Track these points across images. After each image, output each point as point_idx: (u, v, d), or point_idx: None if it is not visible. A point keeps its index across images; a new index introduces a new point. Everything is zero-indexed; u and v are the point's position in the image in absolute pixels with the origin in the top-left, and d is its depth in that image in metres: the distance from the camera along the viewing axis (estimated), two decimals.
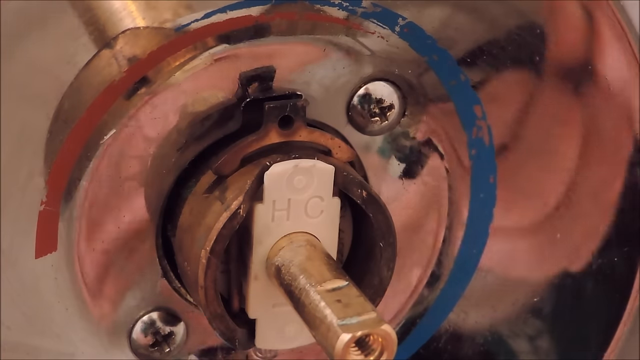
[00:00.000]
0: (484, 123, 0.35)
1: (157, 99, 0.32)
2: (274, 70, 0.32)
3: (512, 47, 0.34)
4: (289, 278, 0.31)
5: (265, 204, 0.31)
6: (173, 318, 0.35)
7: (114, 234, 0.33)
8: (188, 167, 0.33)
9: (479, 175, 0.36)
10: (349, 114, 0.34)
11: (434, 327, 0.37)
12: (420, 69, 0.34)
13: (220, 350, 0.35)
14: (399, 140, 0.35)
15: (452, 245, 0.37)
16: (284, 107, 0.32)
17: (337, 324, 0.28)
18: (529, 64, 0.35)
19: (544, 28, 0.34)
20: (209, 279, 0.31)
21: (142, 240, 0.33)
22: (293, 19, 0.32)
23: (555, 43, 0.35)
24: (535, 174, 0.36)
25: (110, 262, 0.33)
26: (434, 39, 0.33)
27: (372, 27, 0.33)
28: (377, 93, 0.34)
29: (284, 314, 0.32)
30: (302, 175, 0.31)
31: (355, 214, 0.34)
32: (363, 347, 0.29)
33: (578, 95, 0.36)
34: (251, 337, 0.33)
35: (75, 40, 0.31)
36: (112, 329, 0.34)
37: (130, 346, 0.34)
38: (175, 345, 0.35)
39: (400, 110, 0.35)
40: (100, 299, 0.34)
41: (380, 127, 0.35)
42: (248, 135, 0.32)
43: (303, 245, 0.31)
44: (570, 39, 0.35)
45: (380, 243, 0.33)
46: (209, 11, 0.31)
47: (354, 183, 0.32)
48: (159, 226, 0.34)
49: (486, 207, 0.36)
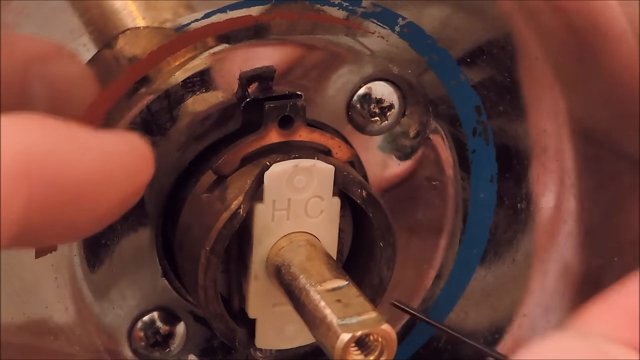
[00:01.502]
0: (484, 123, 0.35)
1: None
2: (274, 70, 0.32)
3: (512, 47, 0.34)
4: (289, 278, 0.31)
5: (265, 204, 0.31)
6: (173, 318, 0.35)
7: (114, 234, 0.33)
8: (188, 167, 0.33)
9: (479, 175, 0.36)
10: (349, 114, 0.34)
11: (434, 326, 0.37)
12: (420, 69, 0.34)
13: (220, 350, 0.35)
14: (399, 140, 0.35)
15: (452, 245, 0.37)
16: (284, 107, 0.32)
17: (337, 324, 0.28)
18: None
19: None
20: (209, 278, 0.31)
21: (142, 240, 0.33)
22: (293, 19, 0.32)
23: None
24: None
25: (110, 262, 0.33)
26: (434, 39, 0.33)
27: (372, 27, 0.33)
28: (377, 93, 0.34)
29: (284, 313, 0.32)
30: (302, 175, 0.31)
31: (355, 214, 0.34)
32: (363, 347, 0.29)
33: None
34: (251, 337, 0.33)
35: (75, 40, 0.31)
36: (112, 328, 0.34)
37: (130, 346, 0.34)
38: (175, 345, 0.35)
39: (400, 110, 0.35)
40: (100, 299, 0.34)
41: (380, 127, 0.35)
42: (248, 135, 0.32)
43: (303, 245, 0.32)
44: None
45: (380, 243, 0.33)
46: (209, 11, 0.31)
47: (354, 183, 0.32)
48: (159, 226, 0.34)
49: (486, 207, 0.36)
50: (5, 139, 0.25)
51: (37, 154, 0.25)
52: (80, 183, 0.26)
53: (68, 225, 0.26)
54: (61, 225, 0.26)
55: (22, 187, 0.25)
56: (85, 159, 0.26)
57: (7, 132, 0.25)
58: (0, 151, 0.24)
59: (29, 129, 0.25)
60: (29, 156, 0.25)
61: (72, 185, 0.26)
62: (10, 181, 0.24)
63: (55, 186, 0.25)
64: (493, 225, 0.37)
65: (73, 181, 0.26)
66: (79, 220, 0.26)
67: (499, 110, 0.35)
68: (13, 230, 0.25)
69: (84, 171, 0.26)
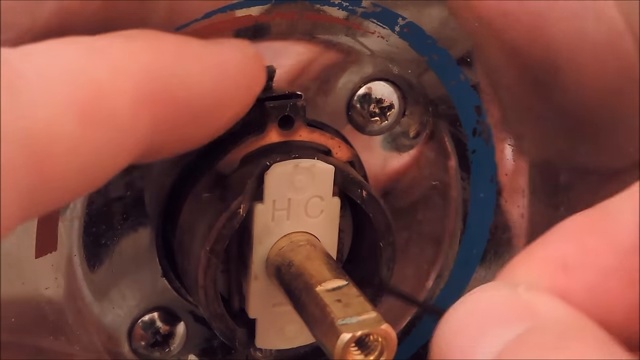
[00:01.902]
0: (484, 123, 0.35)
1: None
2: (273, 70, 0.32)
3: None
4: (289, 278, 0.31)
5: (265, 204, 0.31)
6: (173, 318, 0.35)
7: (114, 234, 0.33)
8: (188, 167, 0.33)
9: (479, 175, 0.36)
10: (349, 114, 0.34)
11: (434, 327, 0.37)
12: (420, 69, 0.34)
13: (220, 350, 0.35)
14: (399, 140, 0.35)
15: (452, 245, 0.37)
16: (284, 107, 0.32)
17: (337, 324, 0.28)
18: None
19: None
20: (209, 278, 0.31)
21: (142, 240, 0.33)
22: (293, 19, 0.32)
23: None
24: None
25: (110, 262, 0.33)
26: (434, 38, 0.33)
27: (372, 27, 0.33)
28: (377, 93, 0.34)
29: (284, 313, 0.32)
30: (302, 175, 0.31)
31: (355, 214, 0.34)
32: (363, 347, 0.29)
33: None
34: (251, 337, 0.33)
35: None
36: (112, 328, 0.34)
37: (130, 346, 0.34)
38: (175, 345, 0.35)
39: (400, 110, 0.35)
40: (100, 299, 0.34)
41: (380, 127, 0.35)
42: (248, 135, 0.32)
43: (303, 245, 0.32)
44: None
45: (380, 243, 0.33)
46: (209, 11, 0.31)
47: (354, 183, 0.32)
48: (159, 226, 0.34)
49: (486, 207, 0.36)
50: (130, 61, 0.24)
51: (160, 77, 0.25)
52: (202, 103, 0.26)
53: (185, 140, 0.27)
54: (179, 141, 0.27)
55: (147, 112, 0.25)
56: (206, 78, 0.26)
57: (131, 53, 0.25)
58: (125, 76, 0.24)
59: (152, 49, 0.25)
60: (153, 81, 0.25)
61: (194, 106, 0.26)
62: (136, 107, 0.24)
63: (178, 108, 0.25)
64: (493, 225, 0.37)
65: (195, 102, 0.26)
66: (196, 135, 0.27)
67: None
68: (137, 152, 0.25)
69: (205, 91, 0.26)
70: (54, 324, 0.33)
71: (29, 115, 0.23)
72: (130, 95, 0.24)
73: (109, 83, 0.24)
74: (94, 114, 0.24)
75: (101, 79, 0.24)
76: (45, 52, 0.24)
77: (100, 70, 0.24)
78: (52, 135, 0.23)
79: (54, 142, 0.23)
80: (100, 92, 0.24)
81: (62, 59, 0.24)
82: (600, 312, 0.24)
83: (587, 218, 0.24)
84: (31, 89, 0.23)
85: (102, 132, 0.24)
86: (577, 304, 0.23)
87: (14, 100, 0.23)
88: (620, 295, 0.24)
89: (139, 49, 0.25)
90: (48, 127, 0.23)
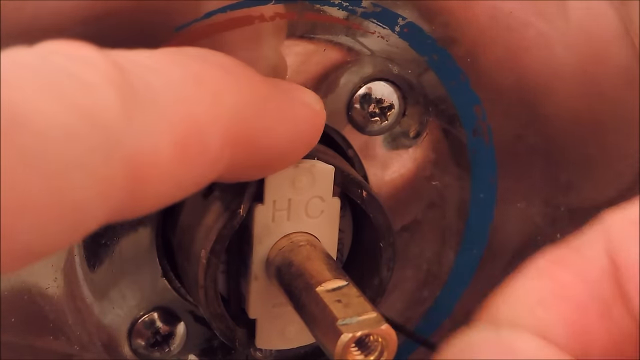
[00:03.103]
0: (484, 123, 0.35)
1: None
2: None
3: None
4: (289, 278, 0.31)
5: (265, 204, 0.31)
6: (173, 318, 0.35)
7: (114, 234, 0.33)
8: None
9: (479, 175, 0.36)
10: (349, 114, 0.34)
11: (434, 327, 0.37)
12: (420, 69, 0.34)
13: (220, 350, 0.35)
14: (399, 140, 0.35)
15: (452, 245, 0.37)
16: None
17: (337, 324, 0.28)
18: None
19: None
20: (209, 278, 0.31)
21: (142, 240, 0.33)
22: (293, 19, 0.32)
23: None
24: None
25: (110, 262, 0.33)
26: (434, 38, 0.33)
27: (372, 27, 0.33)
28: (377, 93, 0.34)
29: (284, 314, 0.32)
30: (302, 175, 0.31)
31: (355, 214, 0.34)
32: (363, 347, 0.29)
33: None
34: (251, 337, 0.33)
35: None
36: (112, 328, 0.34)
37: (130, 346, 0.34)
38: (175, 345, 0.35)
39: (400, 110, 0.35)
40: (100, 299, 0.34)
41: (380, 127, 0.35)
42: None
43: (303, 246, 0.32)
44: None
45: (380, 243, 0.33)
46: (209, 11, 0.31)
47: (354, 183, 0.32)
48: (159, 226, 0.34)
49: (486, 207, 0.36)
50: (227, 96, 0.25)
51: (248, 119, 0.25)
52: (273, 152, 0.27)
53: (243, 178, 0.28)
54: (238, 178, 0.28)
55: (229, 151, 0.25)
56: (283, 129, 0.27)
57: (228, 89, 0.25)
58: (222, 111, 0.24)
59: (246, 87, 0.25)
60: (242, 122, 0.25)
61: (266, 154, 0.27)
62: (223, 145, 0.25)
63: (254, 153, 0.26)
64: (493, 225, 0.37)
65: (268, 151, 0.27)
66: (254, 176, 0.28)
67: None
68: (203, 184, 0.25)
69: (279, 141, 0.27)
70: (54, 324, 0.33)
71: (138, 137, 0.23)
72: (221, 132, 0.25)
73: (206, 117, 0.25)
74: (191, 147, 0.24)
75: (201, 112, 0.25)
76: (155, 72, 0.24)
77: (202, 102, 0.25)
78: (152, 161, 0.23)
79: (152, 167, 0.24)
80: (198, 126, 0.25)
81: (172, 84, 0.24)
82: (580, 346, 0.24)
83: (558, 253, 0.25)
84: (145, 111, 0.23)
85: (193, 164, 0.25)
86: (558, 339, 0.24)
87: (128, 119, 0.23)
88: (597, 328, 0.24)
89: (236, 85, 0.26)
90: (152, 154, 0.23)
